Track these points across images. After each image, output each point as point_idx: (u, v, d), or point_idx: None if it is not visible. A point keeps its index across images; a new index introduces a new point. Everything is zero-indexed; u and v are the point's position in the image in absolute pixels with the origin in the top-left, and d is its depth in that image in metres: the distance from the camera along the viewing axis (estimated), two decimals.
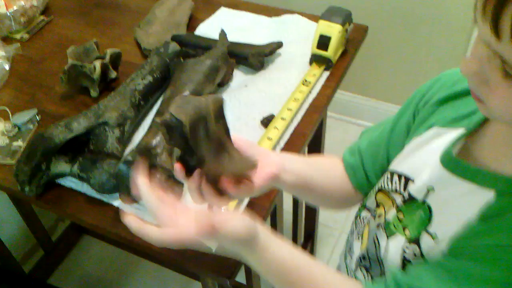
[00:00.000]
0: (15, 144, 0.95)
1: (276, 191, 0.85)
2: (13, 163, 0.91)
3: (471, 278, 0.52)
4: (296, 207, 1.47)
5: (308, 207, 1.52)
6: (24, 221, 1.64)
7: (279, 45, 1.10)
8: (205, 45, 1.09)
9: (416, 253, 0.59)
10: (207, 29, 1.21)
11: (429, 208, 0.59)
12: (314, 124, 0.97)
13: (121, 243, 0.84)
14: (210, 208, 0.68)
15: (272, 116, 0.97)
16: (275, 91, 1.03)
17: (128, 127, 0.91)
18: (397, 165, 0.68)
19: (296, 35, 1.17)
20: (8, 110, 1.02)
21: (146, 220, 0.80)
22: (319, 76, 1.05)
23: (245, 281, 1.11)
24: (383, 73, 2.02)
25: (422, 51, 1.87)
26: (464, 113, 0.61)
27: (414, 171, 0.64)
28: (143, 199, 0.58)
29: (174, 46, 1.04)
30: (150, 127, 0.88)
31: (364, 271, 0.70)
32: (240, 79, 1.08)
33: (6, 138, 0.96)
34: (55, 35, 1.26)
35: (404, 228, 0.62)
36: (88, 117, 0.87)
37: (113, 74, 1.04)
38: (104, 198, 0.85)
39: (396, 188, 0.66)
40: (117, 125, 0.88)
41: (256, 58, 1.07)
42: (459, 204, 0.56)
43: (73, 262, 1.83)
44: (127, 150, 0.91)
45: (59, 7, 1.35)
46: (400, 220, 0.63)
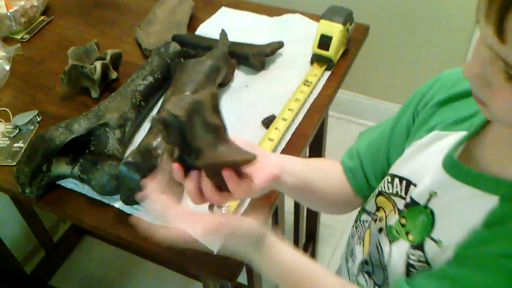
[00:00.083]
0: (15, 145, 0.95)
1: (277, 192, 0.85)
2: (13, 164, 0.91)
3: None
4: (297, 208, 1.46)
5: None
6: (25, 221, 1.64)
7: (280, 45, 1.09)
8: (206, 45, 1.08)
9: (421, 259, 0.58)
10: (208, 29, 1.20)
11: (431, 213, 0.58)
12: (315, 124, 0.97)
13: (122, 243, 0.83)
14: (211, 210, 0.68)
15: (273, 117, 0.96)
16: (276, 91, 1.03)
17: (129, 128, 0.90)
18: (398, 169, 0.67)
19: (297, 34, 1.17)
20: (8, 111, 1.02)
21: (147, 221, 0.81)
22: (320, 76, 1.05)
23: (246, 282, 1.10)
24: (385, 72, 2.02)
25: (423, 50, 1.87)
26: (465, 115, 0.61)
27: (415, 175, 0.63)
28: (150, 199, 0.58)
29: (174, 46, 1.04)
30: (150, 128, 0.88)
31: (366, 276, 0.70)
32: (241, 79, 1.08)
33: (7, 139, 0.96)
34: (56, 35, 1.26)
35: (407, 233, 0.61)
36: (89, 118, 0.87)
37: (114, 75, 1.04)
38: (105, 199, 0.85)
39: (397, 191, 0.66)
40: (118, 126, 0.87)
41: (257, 58, 1.06)
42: (463, 209, 0.55)
43: (74, 262, 1.83)
44: (128, 151, 0.91)
45: (60, 7, 1.35)
46: (403, 225, 0.62)
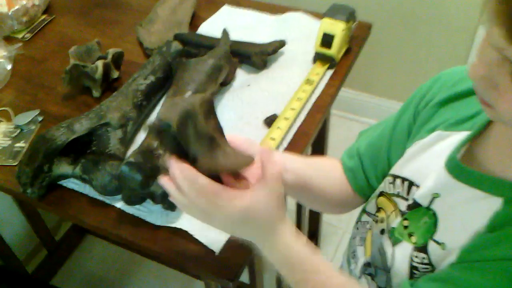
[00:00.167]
0: (17, 145, 0.95)
1: None
2: (15, 164, 0.91)
3: None
4: (300, 206, 1.46)
5: None
6: (27, 221, 1.64)
7: (282, 43, 1.09)
8: (207, 44, 1.08)
9: (425, 261, 0.58)
10: (210, 27, 1.20)
11: (434, 215, 0.58)
12: (318, 123, 0.96)
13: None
14: None
15: (275, 116, 0.96)
16: (278, 90, 1.02)
17: (130, 128, 0.90)
18: (400, 169, 0.67)
19: (299, 33, 1.16)
20: (10, 110, 1.02)
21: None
22: (323, 75, 1.04)
23: (248, 281, 1.10)
24: (387, 70, 2.01)
25: (425, 48, 1.86)
26: (467, 115, 0.60)
27: (418, 176, 0.63)
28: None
29: (176, 45, 1.03)
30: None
31: (369, 278, 0.69)
32: (243, 78, 1.07)
33: (8, 139, 0.96)
34: (57, 34, 1.25)
35: (410, 235, 0.61)
36: (90, 118, 0.87)
37: (115, 74, 1.04)
38: (107, 199, 0.84)
39: (399, 192, 0.65)
40: (119, 126, 0.87)
41: (259, 57, 1.06)
42: (466, 211, 0.55)
43: (76, 261, 1.83)
44: (130, 151, 0.90)
45: (61, 6, 1.35)
46: (406, 227, 0.62)
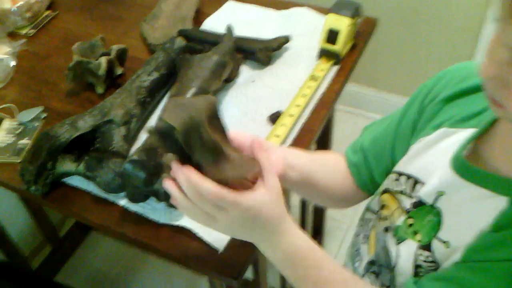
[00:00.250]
0: (21, 142, 0.94)
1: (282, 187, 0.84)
2: (19, 161, 0.90)
3: None
4: (304, 201, 1.45)
5: None
6: (32, 217, 1.64)
7: (287, 39, 1.08)
8: (211, 40, 1.07)
9: (429, 259, 0.58)
10: (214, 23, 1.19)
11: (439, 213, 0.58)
12: (323, 120, 0.96)
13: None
14: None
15: (280, 113, 0.95)
16: (283, 86, 1.02)
17: (134, 125, 0.90)
18: (404, 166, 0.66)
19: (304, 28, 1.15)
20: (14, 107, 1.02)
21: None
22: (328, 71, 1.03)
23: (252, 277, 1.10)
24: (392, 65, 2.00)
25: (432, 42, 1.85)
26: (473, 112, 0.60)
27: (423, 173, 0.62)
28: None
29: (180, 42, 1.03)
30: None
31: (373, 277, 0.69)
32: (247, 74, 1.06)
33: (12, 136, 0.96)
34: (61, 30, 1.25)
35: (415, 233, 0.60)
36: (94, 115, 0.86)
37: (119, 71, 1.03)
38: (110, 197, 0.84)
39: (403, 189, 0.65)
40: (123, 123, 0.87)
41: (264, 53, 1.05)
42: (471, 210, 0.54)
43: (80, 258, 1.84)
44: (133, 148, 0.90)
45: (65, 1, 1.34)
46: (410, 225, 0.62)
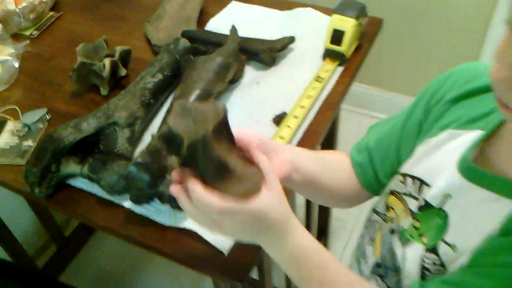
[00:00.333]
0: (25, 144, 0.94)
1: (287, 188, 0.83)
2: (23, 163, 0.90)
3: None
4: (309, 201, 1.44)
5: None
6: (37, 216, 1.65)
7: (291, 40, 1.07)
8: (216, 41, 1.06)
9: (436, 262, 0.57)
10: (218, 23, 1.19)
11: (446, 216, 0.57)
12: (328, 122, 0.95)
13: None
14: None
15: (284, 114, 0.94)
16: (288, 87, 1.01)
17: (138, 127, 0.89)
18: (411, 168, 0.65)
19: (309, 29, 1.15)
20: (18, 109, 1.02)
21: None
22: (333, 72, 1.03)
23: (256, 277, 1.09)
24: (398, 64, 1.99)
25: (437, 42, 1.83)
26: (480, 113, 0.59)
27: (429, 175, 0.62)
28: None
29: (184, 43, 1.02)
30: (162, 125, 0.87)
31: (379, 279, 0.68)
32: (251, 75, 1.06)
33: (16, 138, 0.96)
34: (65, 31, 1.25)
35: (421, 235, 0.60)
36: (98, 117, 0.86)
37: (123, 72, 1.03)
38: (115, 199, 0.84)
39: (409, 191, 0.64)
40: (127, 125, 0.86)
41: (268, 54, 1.04)
42: (478, 213, 0.54)
43: (86, 257, 1.84)
44: (137, 150, 0.90)
45: (68, 2, 1.34)
46: (416, 228, 0.61)
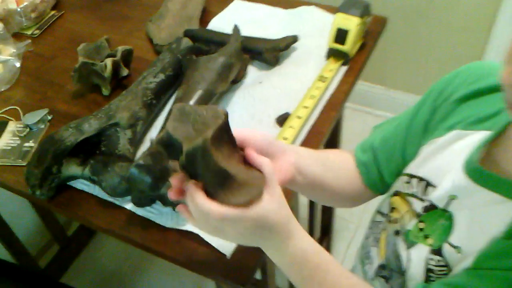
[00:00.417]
0: (26, 145, 0.93)
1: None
2: (24, 164, 0.90)
3: None
4: (312, 201, 1.44)
5: None
6: (39, 216, 1.64)
7: (295, 39, 1.06)
8: (218, 40, 1.05)
9: (441, 263, 0.57)
10: (221, 22, 1.18)
11: (451, 217, 0.56)
12: (331, 122, 0.94)
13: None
14: None
15: (287, 114, 0.93)
16: (291, 86, 1.00)
17: (140, 128, 0.88)
18: (416, 168, 0.65)
19: (312, 27, 1.13)
20: (19, 109, 1.01)
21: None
22: (336, 72, 1.02)
23: (259, 277, 1.09)
24: (402, 63, 1.97)
25: (441, 40, 1.82)
26: (487, 114, 0.58)
27: (435, 176, 0.61)
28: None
29: (186, 42, 1.01)
30: (162, 129, 0.86)
31: (383, 281, 0.68)
32: (254, 75, 1.05)
33: (17, 138, 0.95)
34: (66, 30, 1.24)
35: (426, 237, 0.59)
36: (99, 118, 0.85)
37: (125, 72, 1.02)
38: (116, 201, 0.83)
39: (414, 192, 0.63)
40: (129, 126, 0.86)
41: (271, 53, 1.03)
42: (483, 215, 0.53)
43: (88, 257, 1.84)
44: (139, 151, 0.89)
45: (70, 1, 1.33)
46: (421, 229, 0.60)
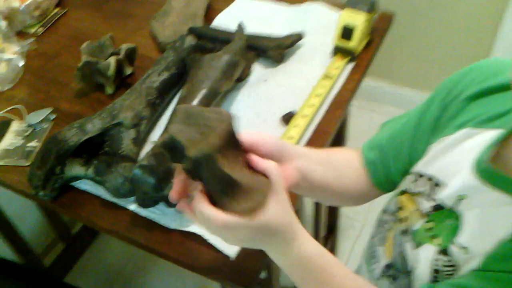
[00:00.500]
0: (29, 144, 0.93)
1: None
2: (27, 165, 0.89)
3: None
4: None
5: None
6: (44, 215, 1.64)
7: (300, 36, 1.05)
8: (223, 38, 1.04)
9: (448, 263, 0.56)
10: (225, 19, 1.16)
11: (459, 217, 0.55)
12: (337, 121, 0.93)
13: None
14: None
15: (293, 113, 0.92)
16: (296, 84, 0.99)
17: (144, 127, 0.88)
18: (425, 167, 0.63)
19: (318, 24, 1.12)
20: (22, 108, 1.00)
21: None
22: (343, 69, 1.00)
23: (264, 276, 1.08)
24: (409, 59, 1.96)
25: (448, 37, 1.80)
26: (498, 112, 0.57)
27: (444, 174, 0.60)
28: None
29: (190, 40, 1.00)
30: (165, 129, 0.85)
31: (389, 281, 0.67)
32: (259, 73, 1.03)
33: (21, 138, 0.94)
34: (70, 28, 1.23)
35: (433, 237, 0.58)
36: (103, 118, 0.84)
37: (129, 70, 1.01)
38: (120, 202, 0.82)
39: (422, 191, 0.62)
40: (132, 126, 0.85)
41: (276, 51, 1.02)
42: (492, 215, 0.52)
43: (93, 256, 1.84)
44: (143, 151, 0.88)
45: None
46: (429, 229, 0.59)
